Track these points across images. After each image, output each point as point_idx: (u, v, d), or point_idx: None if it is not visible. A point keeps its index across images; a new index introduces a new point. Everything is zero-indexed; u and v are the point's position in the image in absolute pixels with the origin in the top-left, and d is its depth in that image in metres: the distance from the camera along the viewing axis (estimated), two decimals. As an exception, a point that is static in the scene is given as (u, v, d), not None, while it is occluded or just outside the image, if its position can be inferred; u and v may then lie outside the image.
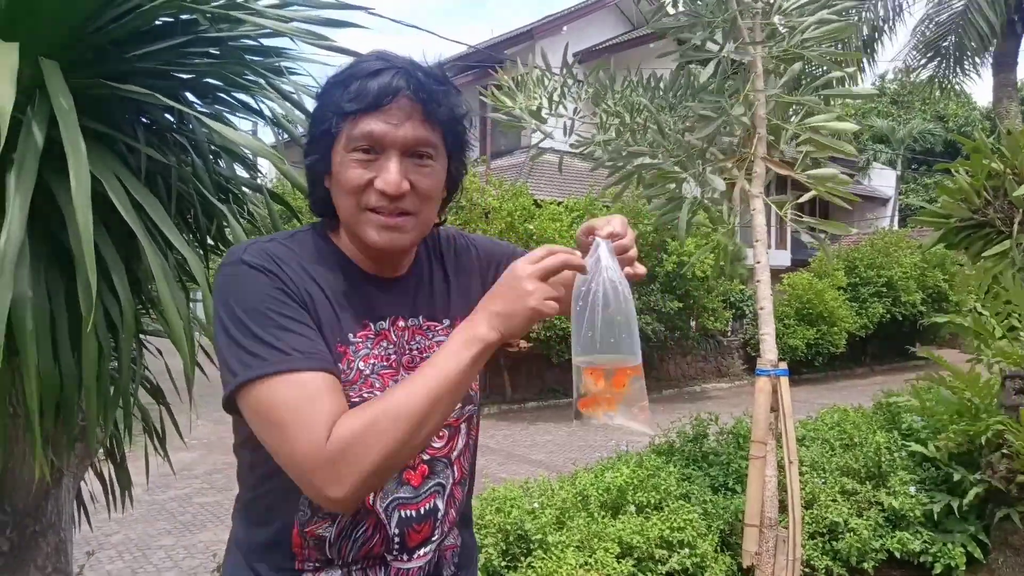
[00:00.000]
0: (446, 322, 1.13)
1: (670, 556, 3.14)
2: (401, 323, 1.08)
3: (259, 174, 2.13)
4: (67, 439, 2.00)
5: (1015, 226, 3.72)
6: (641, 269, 1.05)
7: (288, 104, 1.89)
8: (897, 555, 3.69)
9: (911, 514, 3.73)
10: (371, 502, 1.02)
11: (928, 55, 10.73)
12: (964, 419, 3.88)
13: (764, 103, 3.20)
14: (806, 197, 3.08)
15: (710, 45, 3.36)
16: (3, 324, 1.35)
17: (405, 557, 1.05)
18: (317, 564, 1.03)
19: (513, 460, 7.11)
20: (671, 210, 3.50)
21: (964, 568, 3.61)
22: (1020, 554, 3.57)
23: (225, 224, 2.07)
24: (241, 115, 1.95)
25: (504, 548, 2.89)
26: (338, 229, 1.08)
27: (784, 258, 18.50)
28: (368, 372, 1.02)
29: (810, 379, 13.83)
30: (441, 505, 1.09)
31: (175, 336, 1.82)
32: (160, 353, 2.81)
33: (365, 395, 1.00)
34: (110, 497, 2.75)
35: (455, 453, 1.12)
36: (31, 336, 1.44)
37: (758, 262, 3.16)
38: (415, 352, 1.08)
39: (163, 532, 5.41)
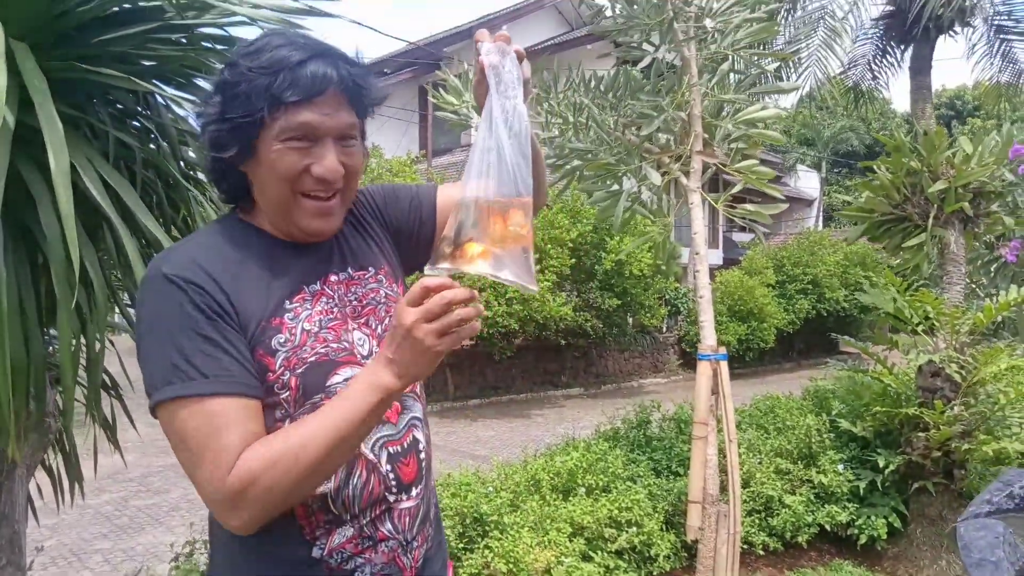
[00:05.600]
0: (371, 270, 1.20)
1: (619, 534, 3.28)
2: (333, 278, 1.14)
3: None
4: (24, 428, 1.97)
5: (930, 220, 4.00)
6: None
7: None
8: (828, 528, 3.93)
9: (839, 490, 3.98)
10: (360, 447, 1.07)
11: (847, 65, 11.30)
12: (886, 402, 4.15)
13: (699, 101, 3.38)
14: (737, 188, 3.28)
15: (646, 46, 3.52)
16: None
17: (404, 496, 1.11)
18: (327, 526, 1.05)
19: (457, 455, 7.16)
20: (609, 205, 3.65)
21: (885, 538, 3.87)
22: (935, 524, 3.85)
23: (189, 214, 2.08)
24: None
25: (461, 531, 2.97)
26: (251, 209, 1.14)
27: (716, 257, 19.12)
28: (316, 329, 1.07)
29: (741, 373, 14.30)
30: (420, 437, 1.16)
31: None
32: (113, 345, 2.77)
33: (320, 350, 1.06)
34: (58, 492, 2.69)
35: (417, 387, 1.20)
36: (7, 316, 1.43)
37: (697, 253, 3.33)
38: (355, 302, 1.15)
39: (99, 536, 5.26)
